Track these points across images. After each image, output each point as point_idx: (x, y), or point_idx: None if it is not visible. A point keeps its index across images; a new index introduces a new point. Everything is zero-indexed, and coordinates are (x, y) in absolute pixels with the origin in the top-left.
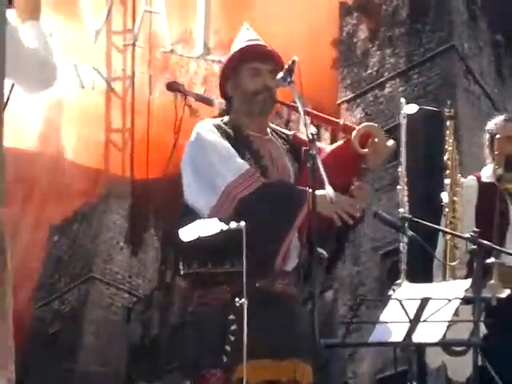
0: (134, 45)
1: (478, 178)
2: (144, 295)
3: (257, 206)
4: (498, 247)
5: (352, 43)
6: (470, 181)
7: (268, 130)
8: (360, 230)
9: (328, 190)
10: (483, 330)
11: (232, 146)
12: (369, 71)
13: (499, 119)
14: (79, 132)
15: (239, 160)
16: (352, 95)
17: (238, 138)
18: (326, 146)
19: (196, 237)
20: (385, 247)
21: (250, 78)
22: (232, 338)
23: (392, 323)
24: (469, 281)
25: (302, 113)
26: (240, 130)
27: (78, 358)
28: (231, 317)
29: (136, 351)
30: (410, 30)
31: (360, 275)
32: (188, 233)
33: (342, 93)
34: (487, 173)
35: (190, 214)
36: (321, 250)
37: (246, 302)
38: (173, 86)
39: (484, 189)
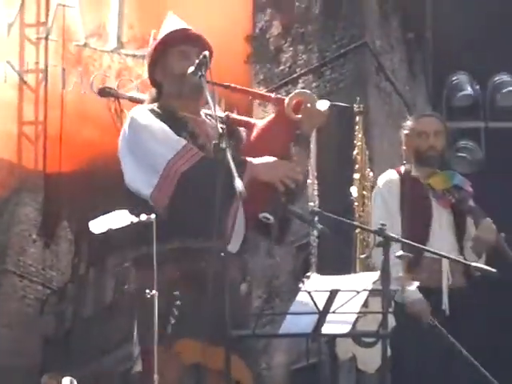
0: (47, 38)
1: (399, 172)
2: (58, 287)
3: (199, 179)
4: (404, 240)
5: (265, 39)
6: (391, 174)
7: (201, 113)
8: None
9: (237, 183)
10: (392, 321)
11: (168, 127)
12: (281, 67)
13: (412, 116)
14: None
15: (175, 137)
16: (265, 91)
17: (173, 120)
18: (258, 121)
19: (106, 229)
20: (299, 241)
21: (178, 61)
22: (176, 312)
23: (302, 315)
24: (377, 273)
25: (212, 106)
26: (173, 113)
27: None
28: (176, 292)
29: (50, 343)
30: (322, 27)
31: (273, 268)
32: (98, 225)
33: (256, 88)
34: (408, 168)
35: (131, 199)
36: (266, 215)
37: (157, 294)
38: (104, 92)
39: (406, 182)
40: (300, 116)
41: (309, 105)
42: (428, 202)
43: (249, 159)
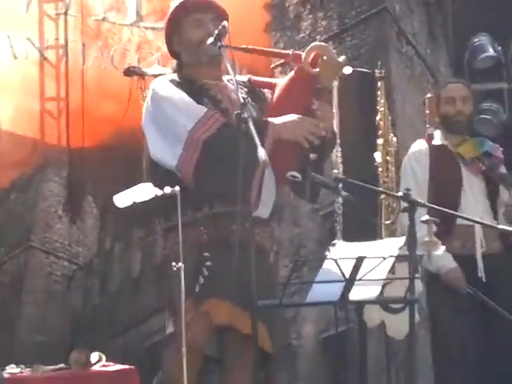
0: (66, 13)
1: (428, 141)
2: (84, 263)
3: (222, 146)
4: (429, 204)
5: (284, 7)
6: (420, 144)
7: (224, 78)
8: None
9: (260, 153)
10: (419, 287)
11: (189, 95)
12: (301, 35)
13: (439, 83)
14: (14, 102)
15: (196, 105)
16: None
17: (194, 88)
18: (278, 81)
19: (131, 203)
20: (324, 209)
21: (192, 29)
22: (206, 273)
23: (328, 283)
24: (403, 238)
25: (233, 77)
26: (194, 81)
27: (19, 328)
28: (206, 254)
29: (77, 319)
30: None
31: (300, 237)
32: (123, 199)
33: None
34: (437, 135)
35: (156, 170)
36: (293, 173)
37: (183, 266)
38: (129, 71)
39: (435, 152)
40: (318, 69)
41: (325, 57)
42: (458, 169)
43: (270, 120)
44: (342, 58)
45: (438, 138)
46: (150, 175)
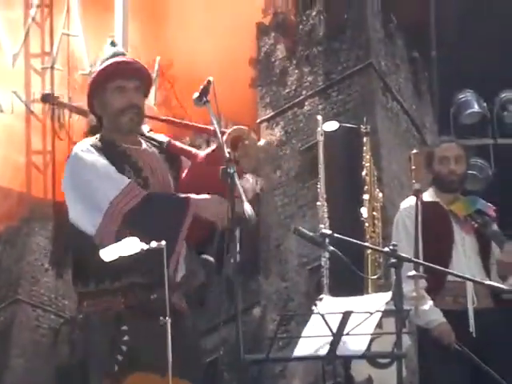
0: (52, 67)
1: (420, 198)
2: (70, 316)
3: (143, 218)
4: (417, 260)
5: (270, 62)
6: (412, 200)
7: (141, 140)
8: (286, 247)
9: (246, 207)
10: (406, 341)
11: (111, 161)
12: (287, 90)
13: (432, 143)
14: (0, 155)
15: (118, 175)
16: (271, 114)
17: (115, 153)
18: (198, 152)
19: (117, 257)
20: (312, 263)
21: (114, 96)
22: (124, 348)
23: (316, 337)
24: (389, 293)
25: (218, 133)
26: (115, 145)
27: (6, 381)
28: (124, 327)
29: (64, 372)
30: (327, 49)
31: (288, 291)
32: (109, 253)
33: (262, 111)
34: (429, 193)
35: (77, 234)
36: (206, 256)
37: (170, 321)
38: (47, 98)
39: (427, 208)
40: (237, 153)
41: (246, 142)
42: (450, 226)
43: (191, 196)
44: (262, 142)
45: (430, 195)
46: (68, 239)
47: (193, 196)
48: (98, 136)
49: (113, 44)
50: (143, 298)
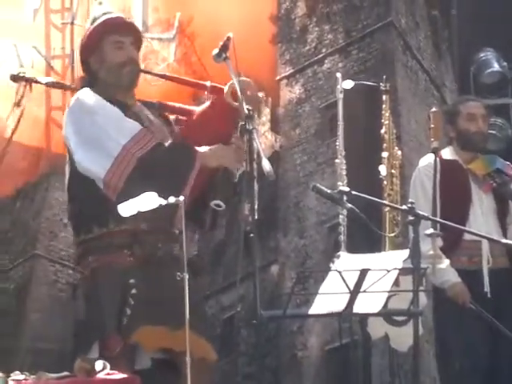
0: (72, 23)
1: (439, 156)
2: None
3: (156, 164)
4: (434, 218)
5: (290, 19)
6: (431, 158)
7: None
8: (305, 205)
9: (264, 164)
10: (423, 299)
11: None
12: (307, 47)
13: (456, 100)
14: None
15: (130, 121)
16: (291, 71)
17: (115, 105)
18: (195, 108)
19: (135, 212)
20: (330, 221)
21: (113, 50)
22: (132, 302)
23: (333, 294)
24: (407, 251)
25: (238, 89)
26: (114, 98)
27: (24, 335)
28: (132, 281)
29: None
30: (347, 6)
31: (306, 248)
32: (127, 208)
33: (282, 69)
34: (448, 151)
35: (81, 180)
36: (218, 202)
37: (187, 276)
38: (17, 77)
39: (446, 166)
40: (237, 104)
41: (248, 93)
42: (468, 185)
43: (197, 148)
44: (260, 94)
45: (449, 154)
46: (68, 189)
47: (197, 148)
48: (94, 90)
49: (100, 3)
50: (150, 249)
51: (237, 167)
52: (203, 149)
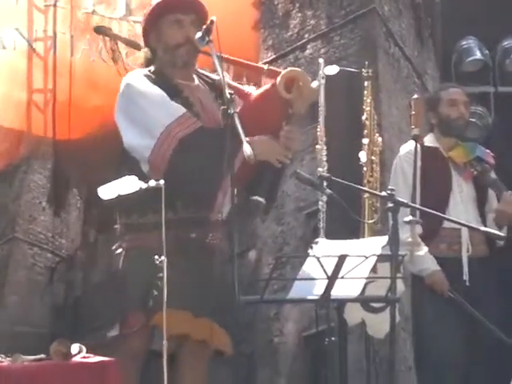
0: (55, 5)
1: (420, 143)
2: (67, 255)
3: (196, 148)
4: (414, 205)
5: (273, 5)
6: (412, 145)
7: (194, 76)
8: (283, 191)
9: (245, 148)
10: (401, 286)
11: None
12: (290, 33)
13: (437, 87)
14: (1, 93)
15: (174, 104)
16: (273, 56)
17: (167, 87)
18: (252, 91)
19: (115, 196)
20: (309, 207)
21: (171, 30)
22: (159, 284)
23: (310, 280)
24: (385, 238)
25: (220, 71)
26: (167, 79)
27: (0, 318)
28: (161, 264)
29: (59, 311)
30: None
31: (284, 235)
32: (107, 191)
33: (264, 54)
34: (429, 138)
35: (127, 163)
36: (258, 198)
37: (166, 260)
38: (100, 30)
39: (426, 153)
40: (291, 94)
41: (301, 83)
42: (448, 172)
43: (244, 138)
44: (315, 84)
45: (430, 141)
46: (118, 170)
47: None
48: (151, 69)
49: None
50: (181, 235)
51: (279, 162)
52: (250, 140)
